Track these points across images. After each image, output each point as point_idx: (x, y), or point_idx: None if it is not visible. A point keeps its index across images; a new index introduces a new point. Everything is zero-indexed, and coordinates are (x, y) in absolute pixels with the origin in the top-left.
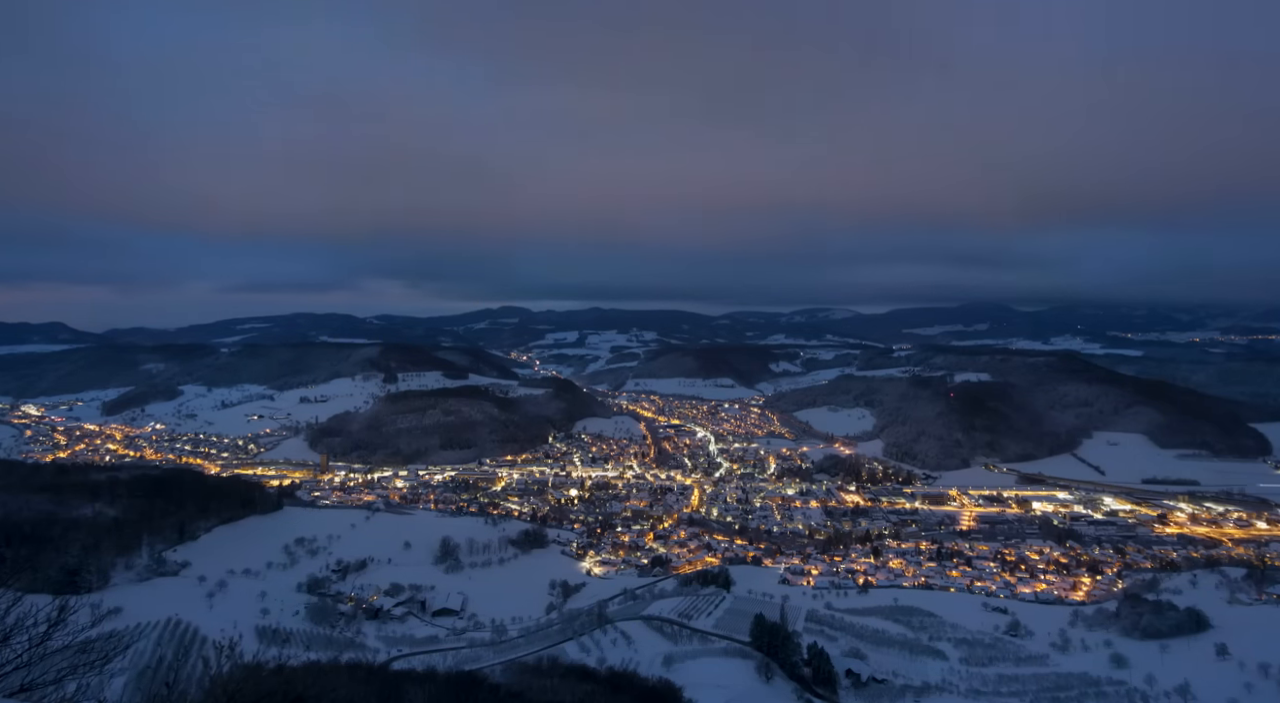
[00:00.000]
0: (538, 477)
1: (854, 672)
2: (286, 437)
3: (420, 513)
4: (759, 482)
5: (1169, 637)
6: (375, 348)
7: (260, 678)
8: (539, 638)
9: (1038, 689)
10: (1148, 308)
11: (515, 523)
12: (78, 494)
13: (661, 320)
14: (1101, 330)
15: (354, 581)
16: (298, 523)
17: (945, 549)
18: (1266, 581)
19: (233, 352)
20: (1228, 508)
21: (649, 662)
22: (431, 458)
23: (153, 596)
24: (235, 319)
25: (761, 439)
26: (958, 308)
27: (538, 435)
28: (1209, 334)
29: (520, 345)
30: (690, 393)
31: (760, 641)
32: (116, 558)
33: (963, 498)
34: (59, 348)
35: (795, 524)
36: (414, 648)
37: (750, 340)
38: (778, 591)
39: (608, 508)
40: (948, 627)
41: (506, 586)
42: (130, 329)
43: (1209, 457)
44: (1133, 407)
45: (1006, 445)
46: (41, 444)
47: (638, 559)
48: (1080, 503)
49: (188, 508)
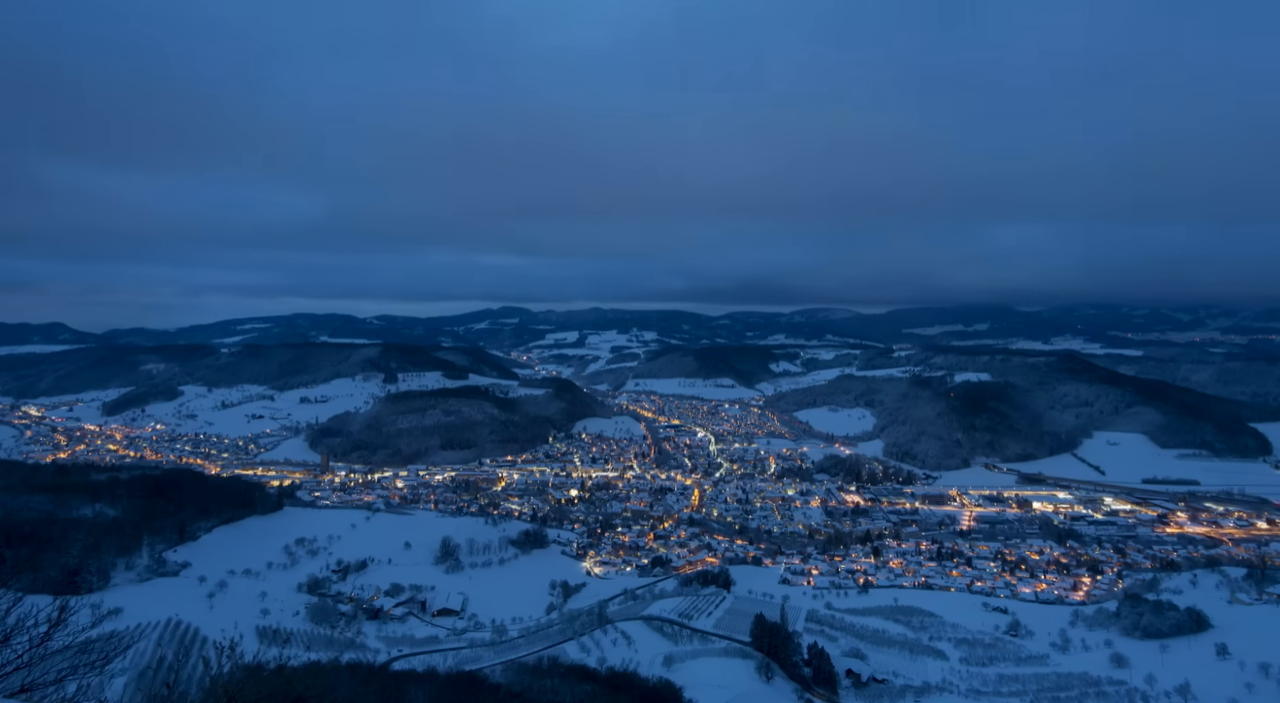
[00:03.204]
0: (538, 477)
1: (854, 672)
2: (286, 437)
3: (420, 513)
4: (759, 482)
5: (1169, 637)
6: (375, 348)
7: (260, 678)
8: (539, 638)
9: (1038, 689)
10: (1148, 308)
11: (515, 523)
12: (78, 495)
13: (661, 320)
14: (1101, 330)
15: (354, 581)
16: (298, 523)
17: (945, 549)
18: (1267, 580)
19: (233, 352)
20: (1228, 508)
21: (649, 662)
22: (432, 458)
23: (153, 596)
24: (235, 319)
25: (761, 439)
26: (958, 308)
27: (538, 436)
28: (1209, 334)
29: (520, 345)
30: (690, 393)
31: (760, 641)
32: (117, 558)
33: (963, 498)
34: (59, 348)
35: (795, 524)
36: (414, 648)
37: (750, 340)
38: (778, 591)
39: (608, 508)
40: (948, 627)
41: (507, 586)
42: (130, 330)
43: (1209, 457)
44: (1133, 407)
45: (1006, 445)
46: (42, 445)
47: (638, 560)
48: (1080, 503)
49: (188, 508)
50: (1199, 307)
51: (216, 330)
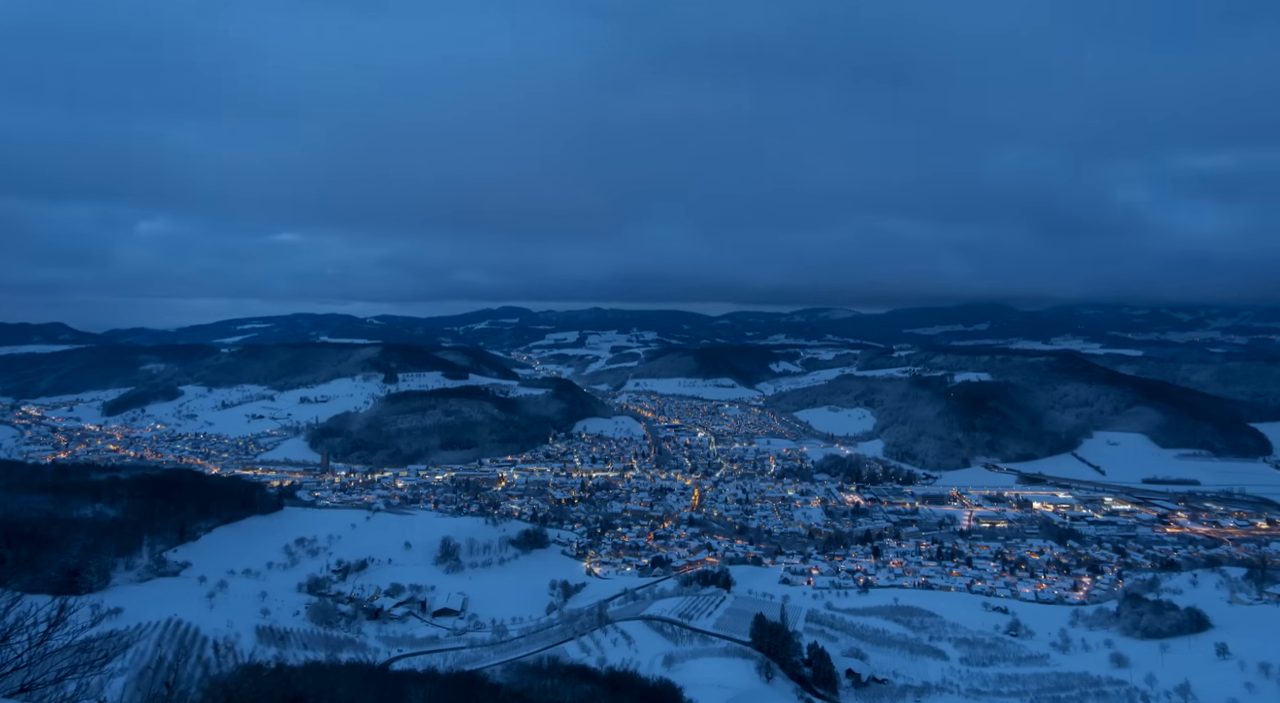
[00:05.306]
0: (538, 477)
1: (854, 672)
2: (287, 437)
3: (420, 513)
4: (759, 482)
5: (1169, 637)
6: (375, 348)
7: (260, 678)
8: (539, 638)
9: (1038, 689)
10: (1148, 308)
11: (516, 523)
12: (78, 495)
13: (661, 320)
14: (1101, 330)
15: (354, 581)
16: (298, 523)
17: (945, 549)
18: (1267, 580)
19: (233, 352)
20: (1228, 508)
21: (649, 662)
22: (432, 458)
23: (153, 596)
24: (235, 319)
25: (761, 439)
26: (958, 308)
27: (538, 436)
28: (1209, 334)
29: (520, 345)
30: (690, 393)
31: (761, 641)
32: (117, 558)
33: (963, 498)
34: (59, 348)
35: (795, 524)
36: (414, 648)
37: (750, 340)
38: (778, 591)
39: (608, 508)
40: (948, 627)
41: (507, 586)
42: (130, 330)
43: (1209, 457)
44: (1133, 407)
45: (1006, 445)
46: (42, 445)
47: (638, 560)
48: (1080, 503)
49: (188, 508)
50: (1199, 307)
51: (216, 330)
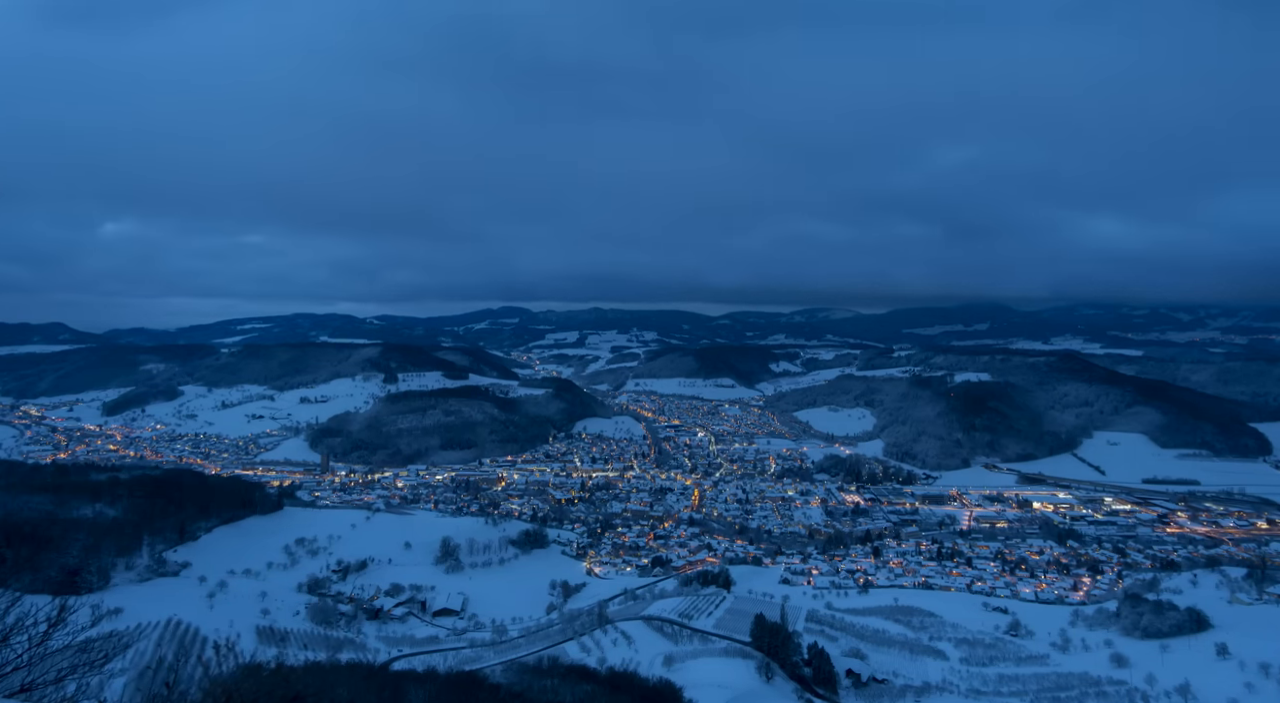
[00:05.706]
0: (538, 477)
1: (854, 672)
2: (287, 437)
3: (420, 513)
4: (759, 482)
5: (1169, 637)
6: (375, 348)
7: (260, 678)
8: (539, 638)
9: (1038, 689)
10: (1148, 308)
11: (516, 523)
12: (78, 494)
13: (661, 320)
14: (1101, 330)
15: (354, 581)
16: (298, 523)
17: (945, 549)
18: (1267, 580)
19: (233, 352)
20: (1228, 508)
21: (649, 662)
22: (432, 458)
23: (153, 596)
24: (235, 319)
25: (761, 439)
26: (958, 308)
27: (538, 436)
28: (1209, 334)
29: (520, 345)
30: (690, 393)
31: (761, 641)
32: (117, 558)
33: (963, 498)
34: (59, 348)
35: (795, 524)
36: (414, 648)
37: (750, 340)
38: (778, 591)
39: (608, 508)
40: (948, 627)
41: (507, 586)
42: (130, 330)
43: (1209, 457)
44: (1133, 407)
45: (1006, 445)
46: (42, 445)
47: (638, 560)
48: (1080, 503)
49: (188, 508)
50: (1199, 307)
51: (216, 330)
